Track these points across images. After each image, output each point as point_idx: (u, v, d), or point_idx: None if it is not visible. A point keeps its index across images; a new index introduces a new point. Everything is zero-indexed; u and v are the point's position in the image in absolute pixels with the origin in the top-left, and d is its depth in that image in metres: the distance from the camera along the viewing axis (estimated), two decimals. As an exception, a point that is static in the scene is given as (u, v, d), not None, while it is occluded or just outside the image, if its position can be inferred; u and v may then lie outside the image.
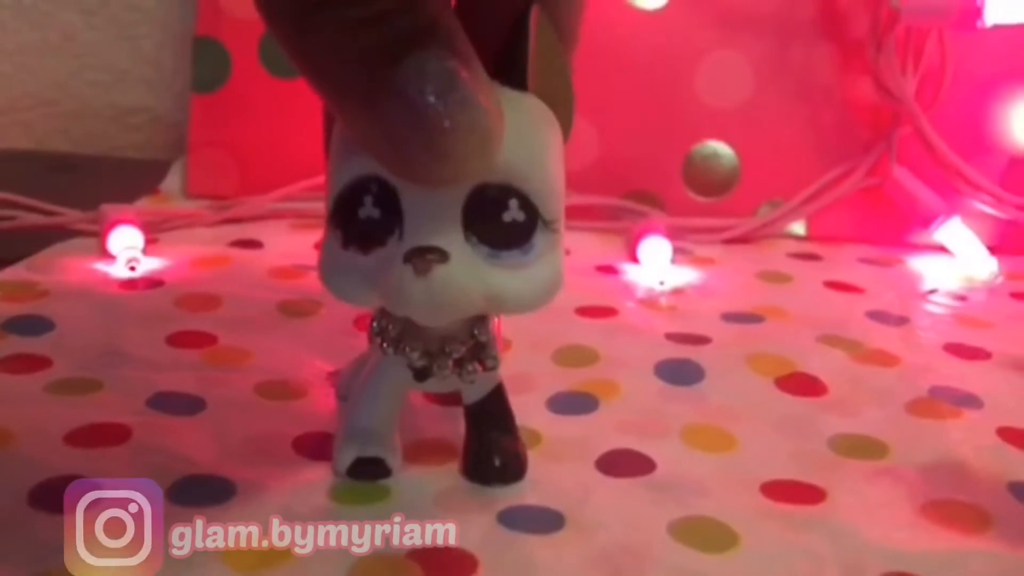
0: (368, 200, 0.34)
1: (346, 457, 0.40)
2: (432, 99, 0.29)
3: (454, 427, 0.43)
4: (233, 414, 0.44)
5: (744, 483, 0.41)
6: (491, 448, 0.41)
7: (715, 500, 0.40)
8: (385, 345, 0.38)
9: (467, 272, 0.33)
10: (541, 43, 0.34)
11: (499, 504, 0.39)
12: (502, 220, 0.33)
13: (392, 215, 0.33)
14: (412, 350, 0.38)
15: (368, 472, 0.40)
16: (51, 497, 0.37)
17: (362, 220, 0.34)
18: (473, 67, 0.30)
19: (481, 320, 0.38)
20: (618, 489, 0.41)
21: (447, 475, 0.41)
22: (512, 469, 0.41)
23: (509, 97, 0.33)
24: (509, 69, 0.34)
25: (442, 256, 0.32)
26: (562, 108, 0.35)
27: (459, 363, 0.38)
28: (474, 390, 0.40)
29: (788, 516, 0.39)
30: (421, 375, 0.38)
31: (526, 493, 0.40)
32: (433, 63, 0.29)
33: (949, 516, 0.40)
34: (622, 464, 0.42)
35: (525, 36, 0.33)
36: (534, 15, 0.33)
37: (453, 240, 0.33)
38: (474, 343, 0.38)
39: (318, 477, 0.40)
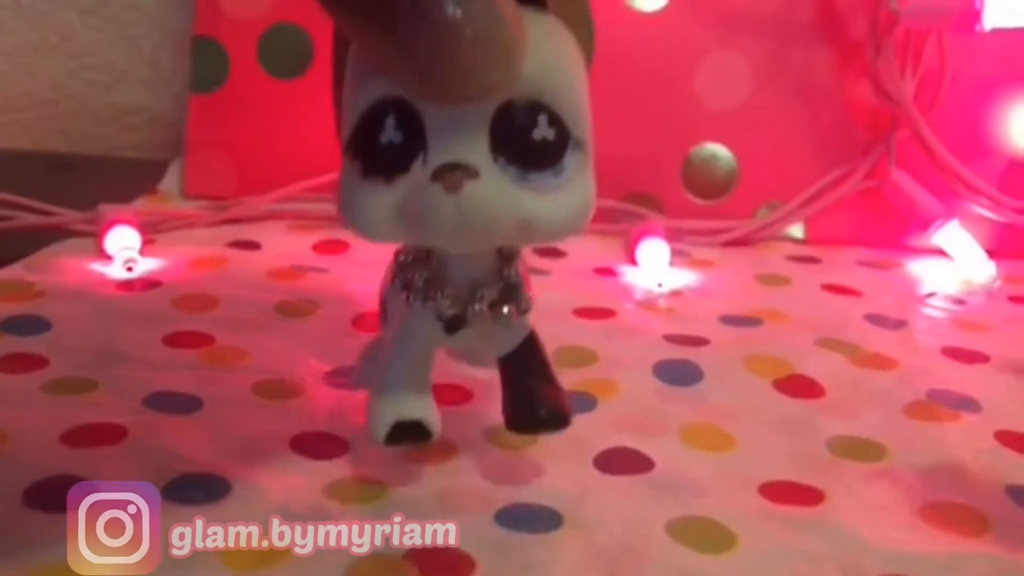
0: (389, 124, 0.32)
1: (383, 423, 0.37)
2: (451, 9, 0.28)
3: (452, 426, 0.43)
4: (230, 413, 0.44)
5: (743, 483, 0.41)
6: (534, 399, 0.38)
7: (714, 500, 0.40)
8: (412, 297, 0.36)
9: (498, 192, 0.31)
10: None
11: (497, 503, 0.39)
12: (531, 138, 0.32)
13: (415, 139, 0.32)
14: (443, 297, 0.36)
15: (408, 436, 0.38)
16: (46, 496, 0.37)
17: (383, 146, 0.32)
18: None
19: (509, 261, 0.36)
20: (617, 487, 0.41)
21: (445, 474, 0.41)
22: (558, 417, 0.38)
23: (530, 16, 0.32)
24: None
25: (472, 172, 0.31)
26: (582, 31, 0.34)
27: (492, 307, 0.36)
28: (507, 340, 0.38)
29: (787, 517, 0.39)
30: (453, 325, 0.36)
31: (524, 492, 0.40)
32: None
33: (948, 518, 0.40)
34: (621, 462, 0.42)
35: None
36: None
37: (482, 160, 0.31)
38: (505, 285, 0.36)
39: (315, 475, 0.40)
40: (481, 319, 0.36)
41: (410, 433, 0.37)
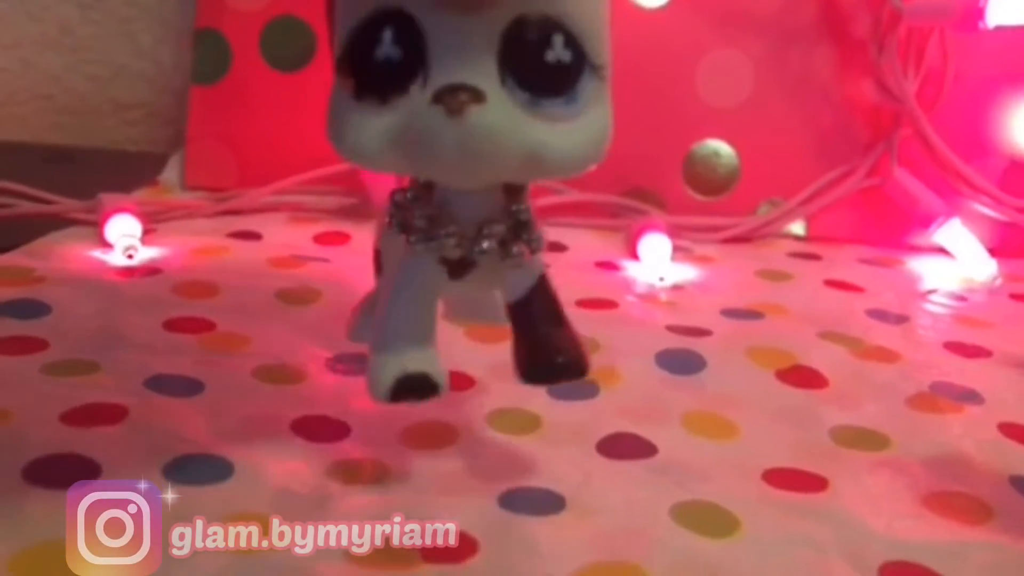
0: (387, 37, 0.29)
1: (386, 377, 0.34)
2: None
3: (451, 411, 0.43)
4: (231, 396, 0.44)
5: (746, 470, 0.41)
6: (549, 345, 0.35)
7: (717, 485, 0.40)
8: (413, 239, 0.33)
9: (506, 119, 0.29)
10: None
11: (500, 487, 0.39)
12: (544, 60, 0.29)
13: (415, 56, 0.29)
14: (446, 236, 0.32)
15: (414, 391, 0.34)
16: (46, 474, 0.37)
17: (379, 63, 0.29)
18: None
19: (518, 195, 0.33)
20: (619, 472, 0.40)
21: (448, 458, 0.41)
22: (577, 364, 0.35)
23: None
24: None
25: (477, 95, 0.28)
26: None
27: (501, 246, 0.33)
28: (517, 284, 0.35)
29: (790, 503, 0.39)
30: (458, 269, 0.33)
31: (526, 476, 0.40)
32: None
33: (951, 507, 0.40)
34: (623, 447, 0.42)
35: None
36: None
37: (489, 83, 0.29)
38: (514, 222, 0.33)
39: (316, 457, 0.40)
40: (489, 260, 0.33)
41: (415, 388, 0.34)
